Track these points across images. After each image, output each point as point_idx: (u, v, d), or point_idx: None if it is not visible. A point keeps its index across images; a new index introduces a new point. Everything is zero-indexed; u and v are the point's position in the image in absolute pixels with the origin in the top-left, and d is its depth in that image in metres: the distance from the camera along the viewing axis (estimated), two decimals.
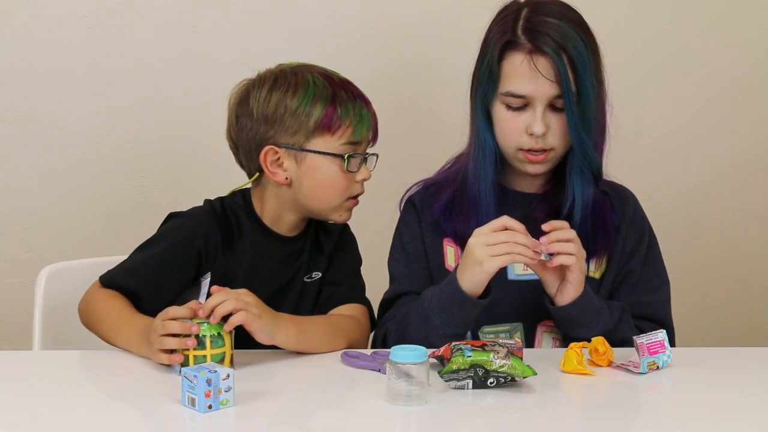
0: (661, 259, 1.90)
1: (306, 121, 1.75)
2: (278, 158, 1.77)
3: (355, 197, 1.83)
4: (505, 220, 1.67)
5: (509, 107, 1.76)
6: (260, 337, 1.60)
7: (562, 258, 1.66)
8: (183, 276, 1.77)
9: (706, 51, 2.52)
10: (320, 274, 1.87)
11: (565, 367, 1.60)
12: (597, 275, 1.84)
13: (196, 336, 1.54)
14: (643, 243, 1.87)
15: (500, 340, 1.57)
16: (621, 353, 1.65)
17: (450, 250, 1.87)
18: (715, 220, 2.59)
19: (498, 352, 1.50)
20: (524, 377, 1.50)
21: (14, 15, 2.32)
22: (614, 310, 1.77)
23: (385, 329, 1.82)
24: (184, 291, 1.78)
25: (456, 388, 1.50)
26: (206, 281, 1.78)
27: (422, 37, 2.42)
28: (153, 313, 1.62)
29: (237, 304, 1.57)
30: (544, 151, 1.77)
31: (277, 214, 1.83)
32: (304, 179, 1.78)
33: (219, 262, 1.79)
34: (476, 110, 1.81)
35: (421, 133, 2.45)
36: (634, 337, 1.61)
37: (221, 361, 1.56)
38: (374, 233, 2.00)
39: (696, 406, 1.49)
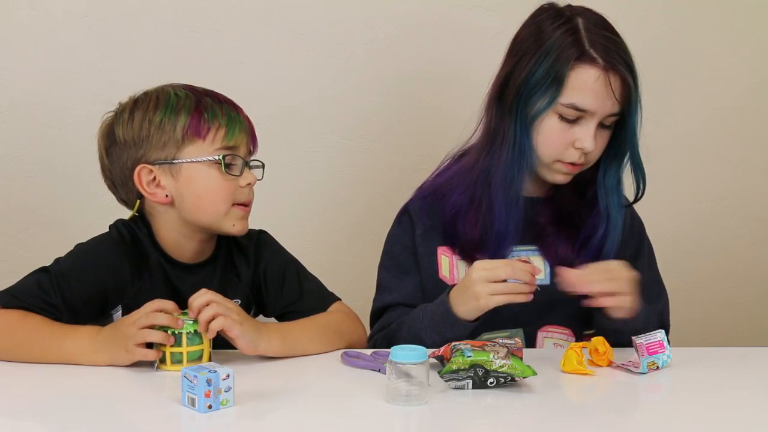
0: (657, 264, 1.91)
1: (172, 131, 1.67)
2: (154, 177, 1.69)
3: (244, 204, 1.73)
4: (511, 261, 1.67)
5: (563, 118, 1.72)
6: (241, 344, 1.60)
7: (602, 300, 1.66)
8: (88, 313, 1.68)
9: (706, 51, 2.51)
10: (240, 302, 1.74)
11: (565, 367, 1.60)
12: None
13: (173, 333, 1.56)
14: (643, 249, 1.88)
15: (500, 341, 1.57)
16: (621, 353, 1.65)
17: (444, 260, 1.84)
18: (715, 220, 2.59)
19: (498, 352, 1.50)
20: (524, 377, 1.50)
21: (14, 15, 2.32)
22: (653, 316, 1.75)
23: (374, 342, 1.81)
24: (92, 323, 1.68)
25: (456, 388, 1.50)
26: (117, 314, 1.71)
27: (422, 37, 2.42)
28: None
29: (218, 308, 1.57)
30: (581, 164, 1.77)
31: (176, 242, 1.74)
32: (185, 192, 1.69)
33: (128, 294, 1.70)
34: (515, 116, 1.74)
35: (421, 133, 2.45)
36: (633, 338, 1.61)
37: (199, 358, 1.58)
38: (375, 233, 1.99)
39: (696, 406, 1.49)
